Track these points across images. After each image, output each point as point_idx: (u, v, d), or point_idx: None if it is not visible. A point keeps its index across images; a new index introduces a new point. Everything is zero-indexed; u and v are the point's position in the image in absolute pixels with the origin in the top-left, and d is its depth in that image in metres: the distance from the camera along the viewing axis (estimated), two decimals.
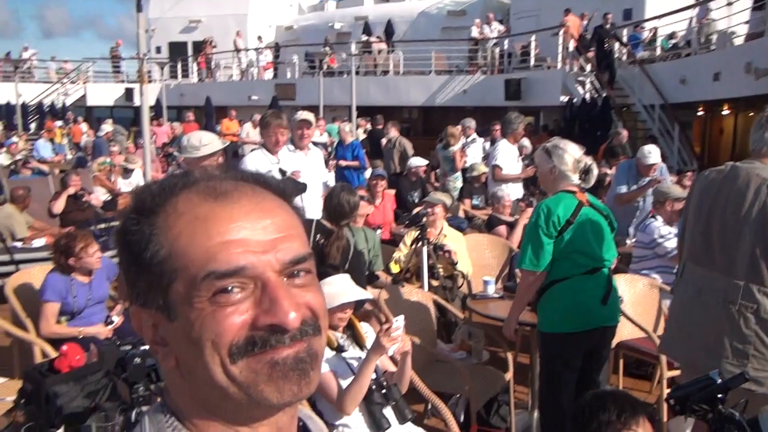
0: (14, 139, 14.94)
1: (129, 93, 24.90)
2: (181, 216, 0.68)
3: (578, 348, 3.17)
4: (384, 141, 11.41)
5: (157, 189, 0.71)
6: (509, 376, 3.77)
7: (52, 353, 3.19)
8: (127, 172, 9.68)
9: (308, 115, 5.41)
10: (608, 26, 14.79)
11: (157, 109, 20.52)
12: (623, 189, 6.02)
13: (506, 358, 3.83)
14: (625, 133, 10.84)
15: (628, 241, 5.80)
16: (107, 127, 16.86)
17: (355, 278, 3.51)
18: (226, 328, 0.66)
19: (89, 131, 18.65)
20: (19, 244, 6.00)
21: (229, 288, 0.66)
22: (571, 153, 3.21)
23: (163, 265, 0.68)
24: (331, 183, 5.73)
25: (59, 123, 19.93)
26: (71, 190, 7.39)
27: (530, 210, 6.06)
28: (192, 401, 0.71)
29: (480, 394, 3.50)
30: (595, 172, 3.25)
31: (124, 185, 9.42)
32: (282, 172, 4.79)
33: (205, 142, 4.23)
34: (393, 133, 11.14)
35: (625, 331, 4.09)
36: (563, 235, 3.11)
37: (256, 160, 4.80)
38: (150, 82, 22.73)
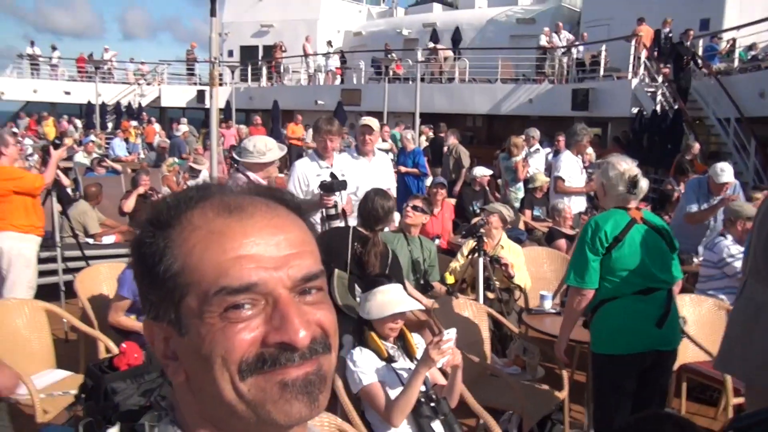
0: (92, 137, 15.63)
1: (201, 95, 25.68)
2: (196, 230, 0.68)
3: (629, 371, 3.04)
4: (445, 149, 11.40)
5: (173, 202, 0.71)
6: (564, 394, 3.68)
7: (115, 350, 3.31)
8: (194, 173, 9.96)
9: (371, 121, 5.43)
10: (688, 43, 14.26)
11: (226, 112, 21.08)
12: (693, 208, 5.78)
13: (562, 376, 3.73)
14: (696, 146, 10.45)
15: (695, 260, 5.58)
16: (184, 127, 17.46)
17: None
18: (236, 344, 0.65)
19: (161, 132, 19.31)
20: (90, 240, 6.25)
21: (241, 304, 0.66)
22: (618, 168, 3.13)
23: (176, 278, 0.67)
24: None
25: (134, 123, 20.72)
26: (141, 190, 7.66)
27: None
28: (200, 417, 0.71)
29: (533, 411, 3.42)
30: (643, 184, 3.12)
31: None
32: (332, 175, 4.83)
33: (270, 148, 4.35)
34: (452, 140, 11.10)
35: (688, 353, 3.93)
36: (611, 253, 3.02)
37: (304, 165, 4.82)
38: (221, 85, 23.41)
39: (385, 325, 2.83)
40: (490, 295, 4.62)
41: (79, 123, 22.62)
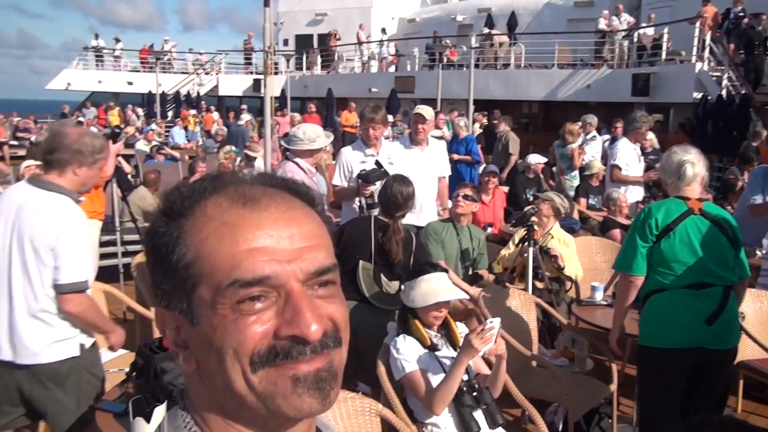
0: (153, 126, 16.09)
1: (257, 84, 26.04)
2: (210, 221, 0.68)
3: (674, 367, 2.93)
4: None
5: (187, 192, 0.71)
6: (613, 387, 3.60)
7: None
8: (250, 161, 10.13)
9: (424, 110, 5.40)
10: (760, 27, 13.59)
11: (281, 100, 21.33)
12: (758, 199, 5.52)
13: (611, 369, 3.65)
14: (765, 133, 9.97)
15: (758, 253, 5.34)
16: (246, 116, 17.77)
17: None
18: (247, 336, 0.65)
19: (219, 120, 19.70)
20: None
21: (253, 296, 0.66)
22: (674, 156, 3.03)
23: (189, 269, 0.68)
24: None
25: (193, 112, 21.21)
26: (197, 177, 7.82)
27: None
28: (210, 405, 0.71)
29: (579, 404, 3.37)
30: (690, 171, 2.98)
31: None
32: (378, 163, 4.85)
33: (318, 135, 4.44)
34: (503, 126, 10.94)
35: (746, 350, 3.79)
36: (660, 242, 2.93)
37: (349, 152, 4.92)
38: (276, 73, 23.70)
39: (429, 313, 2.82)
40: (540, 285, 4.56)
41: (140, 112, 23.31)
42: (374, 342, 3.35)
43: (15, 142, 15.78)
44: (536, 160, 7.85)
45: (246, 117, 17.40)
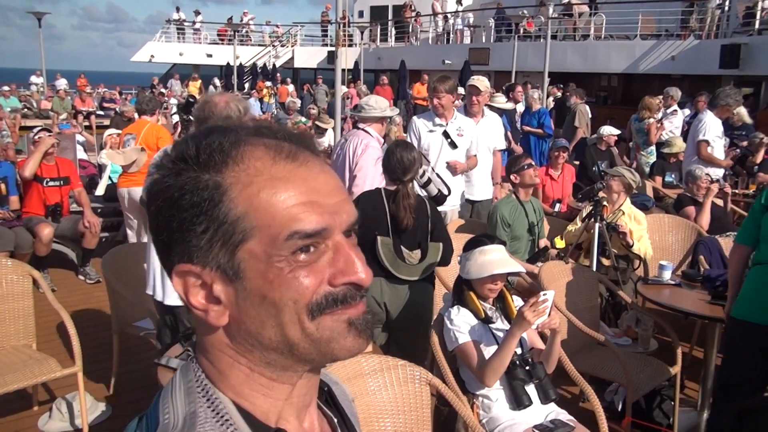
0: None
1: (331, 56, 26.12)
2: (258, 174, 0.68)
3: (755, 343, 2.83)
4: None
5: (215, 143, 0.70)
6: (677, 369, 3.49)
7: None
8: (320, 131, 10.23)
9: (478, 81, 5.34)
10: None
11: (354, 72, 21.41)
12: None
13: (676, 350, 3.53)
14: None
15: None
16: (344, 88, 17.95)
17: (439, 238, 3.45)
18: (307, 286, 0.68)
19: (293, 92, 19.98)
20: None
21: (309, 248, 0.68)
22: None
23: (238, 223, 0.67)
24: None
25: (268, 83, 21.59)
26: None
27: (715, 188, 5.45)
28: (235, 360, 0.72)
29: (640, 384, 3.27)
30: None
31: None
32: (446, 134, 4.83)
33: (383, 107, 4.48)
34: (573, 99, 10.60)
35: None
36: (765, 215, 2.90)
37: (418, 122, 5.02)
38: (350, 45, 23.74)
39: (484, 285, 2.80)
40: (606, 262, 4.44)
41: (218, 83, 23.93)
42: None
43: (101, 112, 16.53)
44: (608, 131, 7.58)
45: (322, 89, 17.55)
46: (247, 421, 0.71)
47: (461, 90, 7.67)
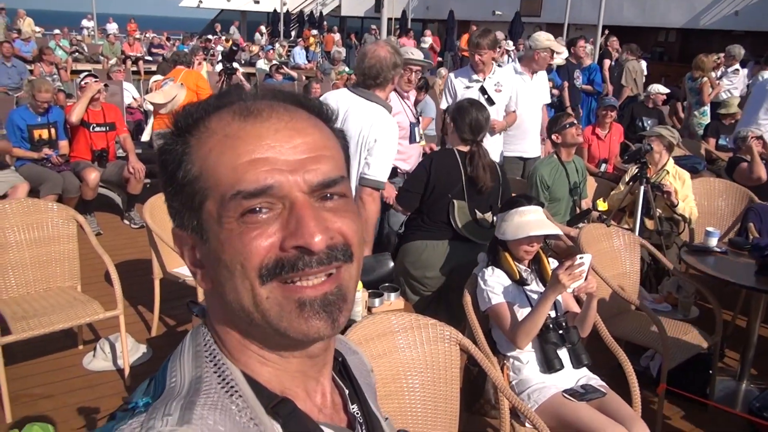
0: (277, 46, 16.45)
1: (378, 4, 25.75)
2: (212, 135, 0.68)
3: None
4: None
5: (193, 109, 0.71)
6: (717, 338, 3.40)
7: None
8: None
9: (554, 45, 5.21)
10: None
11: (402, 22, 21.02)
12: None
13: (717, 319, 3.44)
14: None
15: None
16: (393, 38, 17.74)
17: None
18: (253, 249, 0.64)
19: (339, 41, 19.76)
20: None
21: (257, 208, 0.65)
22: None
23: (195, 183, 0.67)
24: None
25: (314, 32, 21.40)
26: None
27: (758, 142, 5.17)
28: (226, 324, 0.71)
29: (677, 352, 3.21)
30: None
31: None
32: (483, 90, 4.72)
33: (415, 54, 4.39)
34: (625, 55, 10.18)
35: None
36: None
37: (455, 77, 4.96)
38: None
39: (520, 246, 2.76)
40: (650, 225, 4.32)
41: (264, 30, 23.81)
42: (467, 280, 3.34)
43: (149, 58, 16.67)
44: (656, 89, 7.32)
45: (371, 40, 17.34)
46: (254, 388, 0.69)
47: (510, 45, 7.45)
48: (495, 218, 3.31)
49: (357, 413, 0.81)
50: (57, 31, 18.79)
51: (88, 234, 3.58)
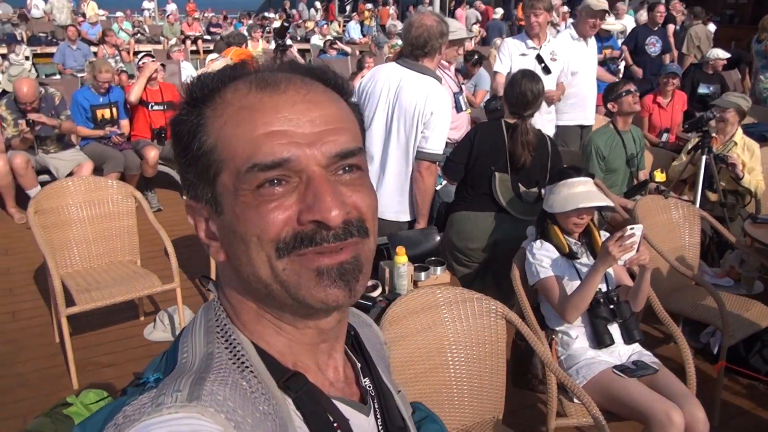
0: (335, 23, 16.40)
1: None
2: (228, 106, 0.67)
3: None
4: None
5: (209, 79, 0.70)
6: None
7: None
8: None
9: (597, 4, 5.01)
10: None
11: None
12: None
13: None
14: None
15: None
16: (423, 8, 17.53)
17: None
18: (269, 222, 0.64)
19: (394, 14, 19.57)
20: None
21: (274, 181, 0.65)
22: None
23: (210, 155, 0.67)
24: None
25: (369, 6, 21.23)
26: (365, 72, 7.94)
27: None
28: (242, 295, 0.72)
29: (738, 328, 3.08)
30: None
31: None
32: (539, 58, 4.59)
33: (455, 29, 4.31)
34: (690, 20, 9.69)
35: None
36: None
37: (511, 43, 4.87)
38: None
39: (569, 219, 2.69)
40: (713, 197, 4.15)
41: (319, 5, 23.78)
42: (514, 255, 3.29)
43: (208, 37, 16.94)
44: (715, 55, 6.97)
45: (424, 8, 17.12)
46: (265, 362, 0.70)
47: (564, 8, 7.23)
48: (543, 192, 3.23)
49: (369, 386, 0.81)
50: (119, 13, 19.29)
51: (145, 210, 3.70)
